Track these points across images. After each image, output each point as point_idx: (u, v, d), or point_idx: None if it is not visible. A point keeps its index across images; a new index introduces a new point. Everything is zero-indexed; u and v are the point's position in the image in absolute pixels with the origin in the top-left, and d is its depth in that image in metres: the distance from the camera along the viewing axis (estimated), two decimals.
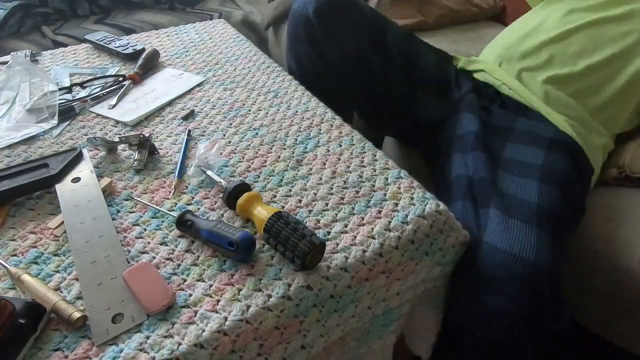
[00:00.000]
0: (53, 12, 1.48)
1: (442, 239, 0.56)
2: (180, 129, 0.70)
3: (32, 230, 0.53)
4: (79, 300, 0.45)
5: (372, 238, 0.52)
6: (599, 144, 0.80)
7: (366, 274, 0.51)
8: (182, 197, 0.57)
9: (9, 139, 0.68)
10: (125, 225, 0.53)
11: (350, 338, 0.54)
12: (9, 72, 0.80)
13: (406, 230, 0.53)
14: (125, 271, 0.46)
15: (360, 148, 0.66)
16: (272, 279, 0.47)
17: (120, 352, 0.40)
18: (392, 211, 0.55)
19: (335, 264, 0.49)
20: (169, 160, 0.64)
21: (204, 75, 0.85)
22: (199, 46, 0.97)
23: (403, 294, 0.55)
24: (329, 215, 0.54)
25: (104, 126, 0.72)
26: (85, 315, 0.43)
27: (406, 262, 0.54)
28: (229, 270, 0.48)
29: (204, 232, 0.49)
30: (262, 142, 0.68)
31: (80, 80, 0.82)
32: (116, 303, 0.44)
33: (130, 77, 0.82)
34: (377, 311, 0.54)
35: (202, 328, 0.43)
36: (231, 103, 0.77)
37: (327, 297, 0.48)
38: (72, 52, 0.95)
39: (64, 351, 0.41)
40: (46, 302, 0.43)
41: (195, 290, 0.46)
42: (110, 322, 0.43)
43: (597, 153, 0.80)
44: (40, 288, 0.44)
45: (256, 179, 0.60)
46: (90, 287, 0.46)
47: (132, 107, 0.76)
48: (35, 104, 0.73)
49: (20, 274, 0.46)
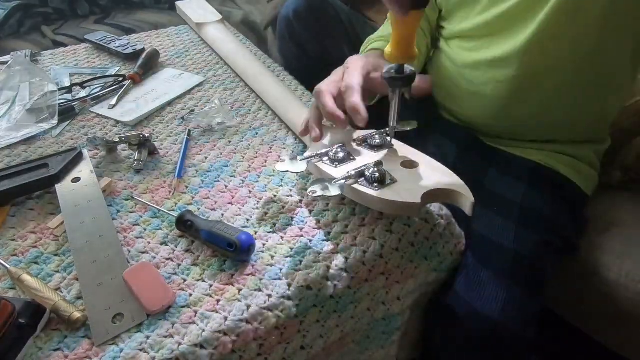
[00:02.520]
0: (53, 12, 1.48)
1: (441, 244, 0.56)
2: (180, 129, 0.70)
3: (32, 230, 0.53)
4: (79, 300, 0.45)
5: (372, 239, 0.52)
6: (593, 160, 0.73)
7: (366, 275, 0.51)
8: (182, 197, 0.57)
9: (9, 139, 0.68)
10: (126, 225, 0.53)
11: (349, 339, 0.54)
12: (9, 72, 0.80)
13: (407, 232, 0.53)
14: (126, 271, 0.46)
15: None
16: (272, 279, 0.47)
17: (120, 352, 0.40)
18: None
19: (335, 264, 0.49)
20: (169, 160, 0.64)
21: (204, 75, 0.85)
22: (199, 46, 0.97)
23: (404, 299, 0.55)
24: (330, 216, 0.54)
25: (104, 126, 0.72)
26: (86, 315, 0.43)
27: (406, 264, 0.54)
28: (229, 270, 0.48)
29: (204, 232, 0.49)
30: (262, 142, 0.68)
31: (80, 80, 0.82)
32: (116, 303, 0.44)
33: (130, 77, 0.82)
34: (377, 314, 0.54)
35: (202, 328, 0.43)
36: (231, 103, 0.77)
37: (327, 298, 0.48)
38: (72, 52, 0.95)
39: (64, 351, 0.41)
40: (46, 302, 0.43)
41: (195, 290, 0.46)
42: (111, 322, 0.43)
43: (593, 169, 0.73)
44: (40, 288, 0.44)
45: (256, 179, 0.60)
46: (90, 287, 0.46)
47: (132, 107, 0.76)
48: (35, 104, 0.73)
49: (20, 274, 0.46)
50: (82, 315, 0.43)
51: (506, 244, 0.60)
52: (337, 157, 0.53)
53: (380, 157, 0.54)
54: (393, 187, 0.48)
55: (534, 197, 0.66)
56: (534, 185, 0.67)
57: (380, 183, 0.49)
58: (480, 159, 0.72)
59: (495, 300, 0.55)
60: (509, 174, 0.69)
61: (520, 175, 0.68)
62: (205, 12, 1.05)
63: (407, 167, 0.51)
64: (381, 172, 0.49)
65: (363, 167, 0.50)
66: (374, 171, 0.49)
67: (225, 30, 0.97)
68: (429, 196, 0.47)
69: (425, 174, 0.50)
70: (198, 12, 1.05)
